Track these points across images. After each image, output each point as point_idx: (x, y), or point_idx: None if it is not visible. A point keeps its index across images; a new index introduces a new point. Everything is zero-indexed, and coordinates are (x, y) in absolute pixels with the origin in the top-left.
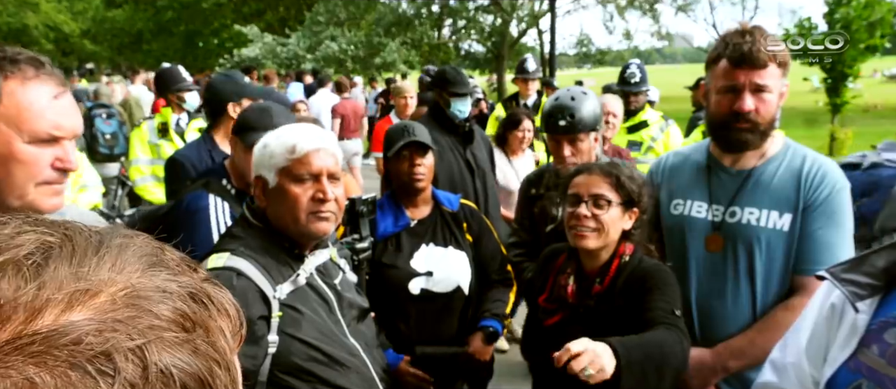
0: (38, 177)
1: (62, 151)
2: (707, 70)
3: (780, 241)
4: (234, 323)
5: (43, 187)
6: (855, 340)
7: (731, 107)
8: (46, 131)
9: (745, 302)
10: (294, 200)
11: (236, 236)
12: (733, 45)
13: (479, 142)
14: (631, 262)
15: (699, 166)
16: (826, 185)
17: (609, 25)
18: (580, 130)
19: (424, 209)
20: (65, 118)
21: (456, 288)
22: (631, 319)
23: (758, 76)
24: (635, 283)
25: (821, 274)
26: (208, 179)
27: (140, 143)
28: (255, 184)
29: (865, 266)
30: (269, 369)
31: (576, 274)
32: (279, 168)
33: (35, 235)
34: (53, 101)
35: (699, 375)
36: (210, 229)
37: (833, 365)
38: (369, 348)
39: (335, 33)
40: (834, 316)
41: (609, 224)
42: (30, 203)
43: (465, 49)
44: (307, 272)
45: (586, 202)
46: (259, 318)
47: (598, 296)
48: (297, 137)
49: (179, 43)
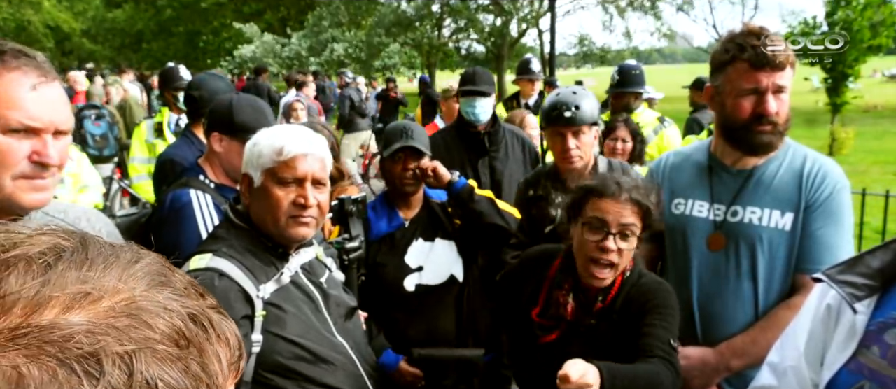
0: (12, 169)
1: (41, 144)
2: (717, 71)
3: (781, 241)
4: (233, 352)
5: (21, 181)
6: (854, 341)
7: (754, 110)
8: (19, 121)
9: (747, 302)
10: (275, 202)
11: (219, 237)
12: (752, 46)
13: (506, 152)
14: (631, 278)
15: (700, 166)
16: (827, 185)
17: (609, 25)
18: (583, 123)
19: (416, 207)
20: (42, 109)
21: (449, 277)
22: (630, 338)
23: (779, 77)
24: (636, 301)
25: (817, 276)
26: (187, 178)
27: (138, 142)
28: (241, 180)
29: (861, 266)
30: (254, 368)
31: (574, 291)
32: (265, 168)
33: (51, 238)
34: (31, 92)
35: (702, 374)
36: (196, 222)
37: (832, 368)
38: (357, 346)
39: (336, 34)
40: (830, 318)
41: (628, 255)
42: (8, 197)
43: (465, 49)
44: (292, 270)
45: (614, 235)
46: (242, 318)
47: (599, 314)
48: (286, 139)
49: (180, 42)
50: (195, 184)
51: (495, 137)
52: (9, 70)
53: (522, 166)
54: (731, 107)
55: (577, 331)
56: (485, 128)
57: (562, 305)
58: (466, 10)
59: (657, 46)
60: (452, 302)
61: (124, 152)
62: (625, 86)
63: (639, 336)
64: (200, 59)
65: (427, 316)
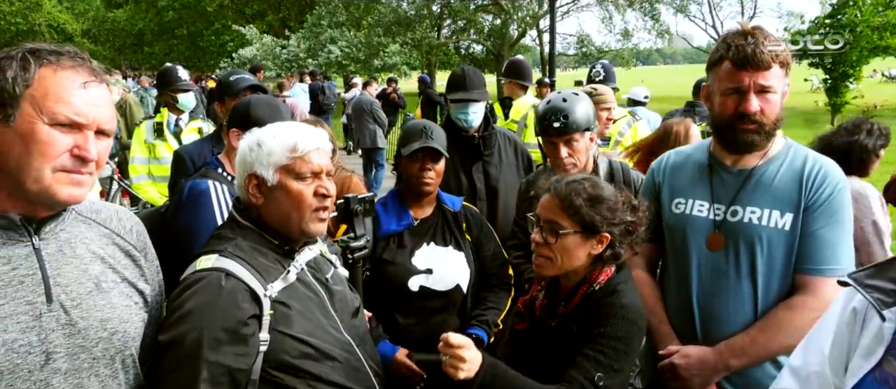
0: (54, 162)
1: (83, 139)
2: (709, 71)
3: (781, 240)
4: None
5: (60, 175)
6: (881, 349)
7: (736, 109)
8: (66, 116)
9: (747, 301)
10: (298, 197)
11: (225, 237)
12: (736, 46)
13: (500, 156)
14: (600, 293)
15: (700, 165)
16: (827, 185)
17: (608, 23)
18: (574, 130)
19: (428, 209)
20: (88, 107)
21: (455, 286)
22: (572, 355)
23: (762, 77)
24: (592, 320)
25: (843, 280)
26: (205, 169)
27: (138, 142)
28: (247, 182)
29: (890, 272)
30: (262, 366)
31: (548, 289)
32: (280, 165)
33: None
34: (80, 90)
35: (701, 373)
36: (213, 210)
37: (856, 374)
38: (363, 343)
39: (335, 35)
40: (856, 322)
41: (561, 252)
42: (46, 189)
43: (465, 49)
44: (298, 268)
45: (542, 227)
46: (250, 317)
47: (561, 318)
48: (298, 136)
49: (182, 44)
50: (213, 175)
51: (489, 142)
52: (63, 69)
53: (516, 171)
54: (717, 106)
55: (539, 328)
56: (478, 132)
57: (536, 299)
58: (466, 11)
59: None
60: (455, 309)
61: (125, 152)
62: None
63: (572, 360)
64: (202, 61)
65: (428, 319)
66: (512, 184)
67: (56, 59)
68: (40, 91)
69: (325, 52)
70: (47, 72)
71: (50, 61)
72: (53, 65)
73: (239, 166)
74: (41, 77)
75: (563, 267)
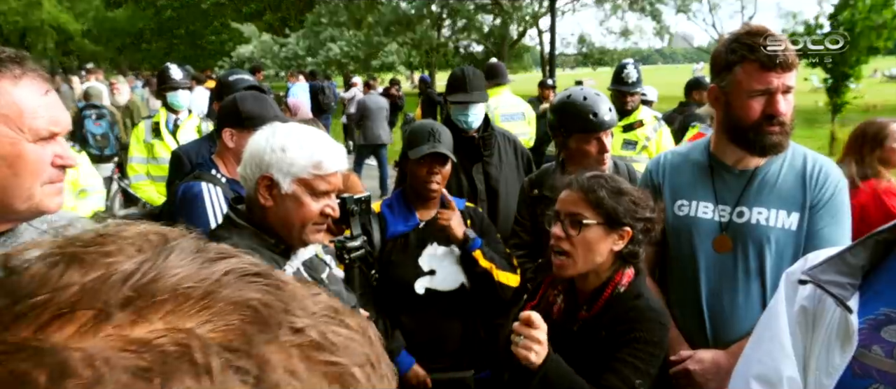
0: (43, 177)
1: (60, 147)
2: (721, 72)
3: (789, 240)
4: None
5: (47, 187)
6: (852, 342)
7: (764, 111)
8: (46, 128)
9: (756, 302)
10: (307, 212)
11: (221, 237)
12: (763, 47)
13: (500, 156)
14: (626, 295)
15: (701, 166)
16: (830, 184)
17: (607, 25)
18: (613, 124)
19: (432, 209)
20: (59, 112)
21: (459, 286)
22: (604, 361)
23: (788, 78)
24: (623, 324)
25: (804, 279)
26: (198, 172)
27: (136, 142)
28: (260, 182)
29: (840, 265)
30: None
31: (566, 293)
32: (298, 177)
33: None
34: (44, 97)
35: (717, 377)
36: (206, 212)
37: (833, 374)
38: None
39: (335, 34)
40: (806, 320)
41: (583, 247)
42: (36, 205)
43: (465, 49)
44: (293, 268)
45: (563, 221)
46: None
47: (584, 323)
48: (324, 153)
49: (181, 43)
50: (206, 177)
51: (489, 142)
52: (18, 78)
53: (516, 171)
54: (739, 108)
55: (559, 334)
56: (478, 132)
57: (552, 304)
58: (466, 11)
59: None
60: (459, 310)
61: (124, 152)
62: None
63: (610, 361)
64: (201, 60)
65: (434, 321)
66: (512, 185)
67: (7, 68)
68: (9, 108)
69: (325, 49)
70: (6, 85)
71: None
72: (6, 75)
73: (251, 162)
74: (2, 92)
75: (585, 266)
